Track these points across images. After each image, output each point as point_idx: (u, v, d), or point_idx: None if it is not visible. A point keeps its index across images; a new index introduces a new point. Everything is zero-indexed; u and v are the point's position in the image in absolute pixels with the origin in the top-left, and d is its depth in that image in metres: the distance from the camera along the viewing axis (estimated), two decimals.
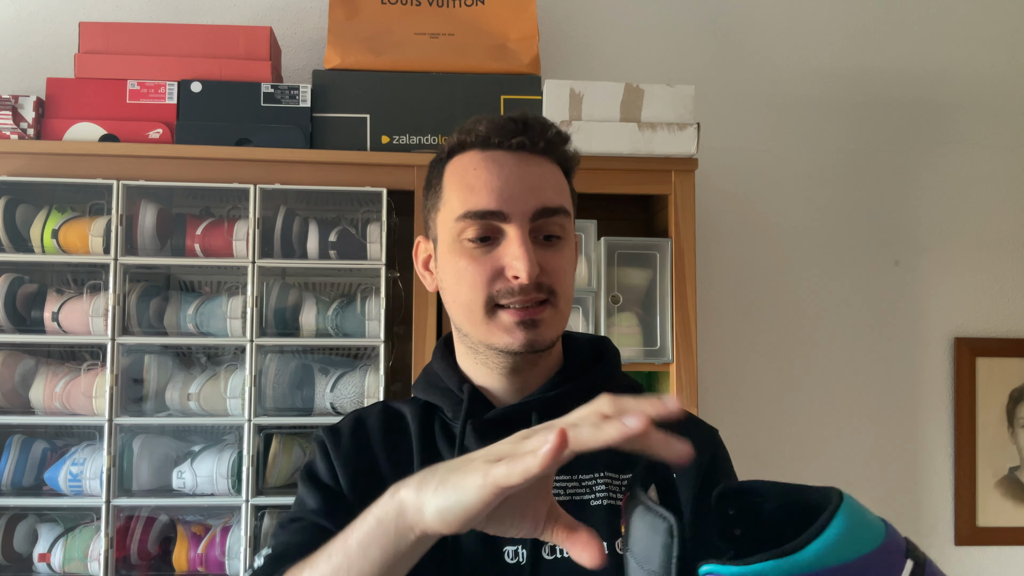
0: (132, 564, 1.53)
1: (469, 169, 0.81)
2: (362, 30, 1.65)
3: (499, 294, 0.78)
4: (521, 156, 0.81)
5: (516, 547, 0.79)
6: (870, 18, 1.99)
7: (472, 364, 0.86)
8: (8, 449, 1.53)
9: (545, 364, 0.86)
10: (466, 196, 0.80)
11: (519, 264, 0.77)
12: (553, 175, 0.83)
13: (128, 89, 1.57)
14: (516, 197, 0.79)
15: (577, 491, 0.81)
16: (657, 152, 1.56)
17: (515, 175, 0.80)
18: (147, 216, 1.54)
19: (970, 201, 1.98)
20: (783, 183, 1.94)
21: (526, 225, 0.79)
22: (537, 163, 0.82)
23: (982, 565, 1.92)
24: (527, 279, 0.77)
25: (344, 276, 1.70)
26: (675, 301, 1.57)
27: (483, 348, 0.82)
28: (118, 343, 1.50)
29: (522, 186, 0.80)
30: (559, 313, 0.81)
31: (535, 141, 0.81)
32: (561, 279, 0.81)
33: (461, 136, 0.83)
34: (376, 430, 0.86)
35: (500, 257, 0.79)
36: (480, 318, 0.80)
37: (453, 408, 0.84)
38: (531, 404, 0.83)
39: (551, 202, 0.80)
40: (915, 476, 1.92)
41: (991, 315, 1.96)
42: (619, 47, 1.93)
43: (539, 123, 0.83)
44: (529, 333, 0.79)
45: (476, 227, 0.79)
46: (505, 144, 0.81)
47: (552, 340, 0.82)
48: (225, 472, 1.50)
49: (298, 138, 1.56)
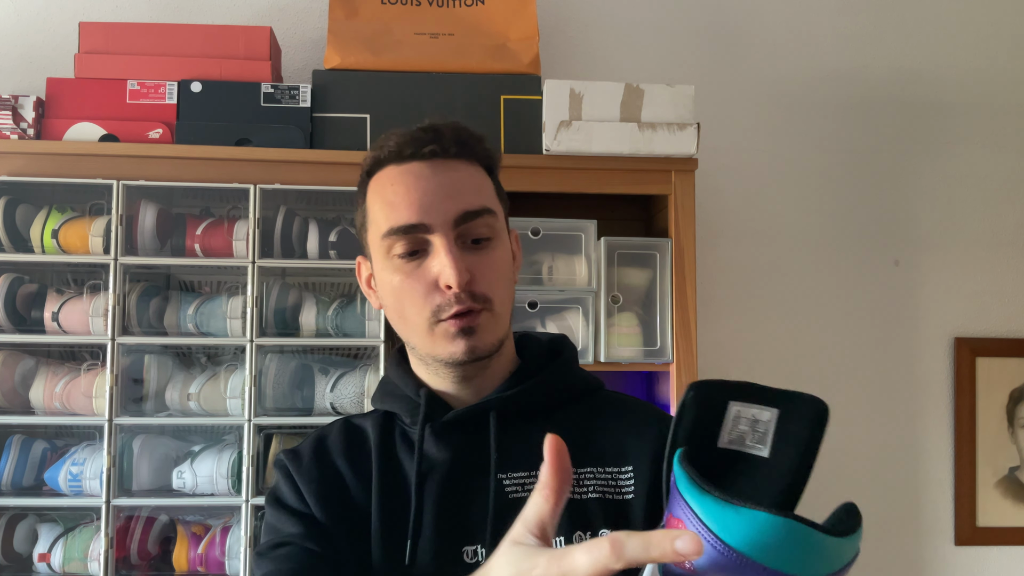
0: (132, 564, 1.53)
1: (387, 185, 0.82)
2: (362, 30, 1.65)
3: (439, 308, 0.79)
4: (436, 164, 0.81)
5: (475, 547, 0.79)
6: (870, 18, 1.99)
7: (426, 372, 0.86)
8: (8, 449, 1.53)
9: (499, 366, 0.86)
10: (388, 213, 0.80)
11: (448, 272, 0.77)
12: (472, 178, 0.83)
13: (128, 89, 1.57)
14: (436, 207, 0.79)
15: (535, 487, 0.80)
16: (657, 152, 1.56)
17: (432, 184, 0.80)
18: (147, 216, 1.54)
19: (970, 201, 1.98)
20: (783, 183, 1.94)
21: (450, 233, 0.79)
22: (454, 168, 0.82)
23: (982, 565, 1.91)
24: (457, 287, 0.77)
25: (344, 276, 1.70)
26: (675, 301, 1.57)
27: (431, 360, 0.83)
28: (118, 343, 1.50)
29: (440, 194, 0.79)
30: (496, 317, 0.81)
31: (447, 147, 0.81)
32: (493, 283, 0.81)
33: (375, 152, 0.84)
34: (337, 446, 0.86)
35: (430, 268, 0.79)
36: (424, 331, 0.80)
37: (411, 413, 0.84)
38: (488, 404, 0.83)
39: (471, 205, 0.80)
40: (915, 476, 1.92)
41: (991, 315, 1.96)
42: (619, 47, 1.93)
43: (450, 128, 0.83)
44: (469, 340, 0.79)
45: (402, 242, 0.79)
46: (419, 154, 0.81)
47: (493, 344, 0.82)
48: (225, 472, 1.50)
49: (298, 138, 1.56)
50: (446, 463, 0.81)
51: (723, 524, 0.47)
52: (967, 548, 1.91)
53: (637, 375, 1.80)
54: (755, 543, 0.46)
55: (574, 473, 0.81)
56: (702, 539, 0.46)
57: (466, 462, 0.82)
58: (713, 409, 0.55)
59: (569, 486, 0.55)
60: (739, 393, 0.54)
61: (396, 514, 0.81)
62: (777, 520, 0.46)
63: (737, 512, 0.47)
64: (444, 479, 0.81)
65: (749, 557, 0.46)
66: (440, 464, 0.81)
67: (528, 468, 0.81)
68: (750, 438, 0.55)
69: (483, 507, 0.79)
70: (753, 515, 0.46)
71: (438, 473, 0.81)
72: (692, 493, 0.49)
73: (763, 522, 0.46)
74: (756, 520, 0.46)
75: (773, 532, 0.46)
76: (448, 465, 0.81)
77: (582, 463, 0.83)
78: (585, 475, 0.82)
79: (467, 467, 0.81)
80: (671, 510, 0.52)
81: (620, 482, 0.82)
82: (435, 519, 0.80)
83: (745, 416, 0.55)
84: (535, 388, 0.84)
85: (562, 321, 1.58)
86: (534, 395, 0.84)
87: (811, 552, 0.47)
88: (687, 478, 0.50)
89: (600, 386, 0.91)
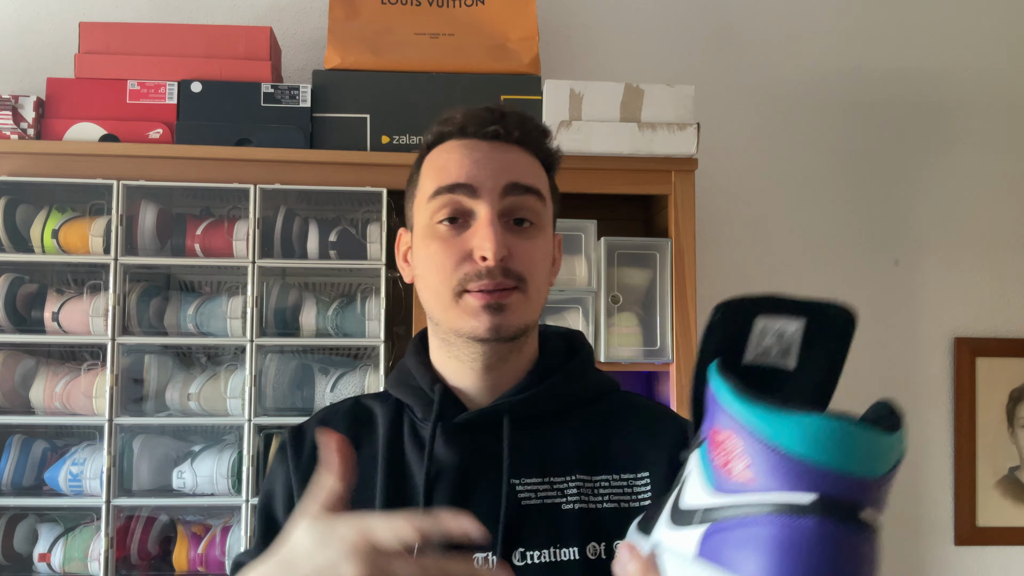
0: (132, 564, 1.53)
1: (442, 155, 0.82)
2: (362, 30, 1.65)
3: (467, 278, 0.77)
4: (495, 144, 0.82)
5: (486, 553, 0.77)
6: (870, 18, 1.99)
7: (444, 359, 0.84)
8: (8, 449, 1.53)
9: (518, 360, 0.84)
10: (437, 175, 0.80)
11: (486, 244, 0.76)
12: (529, 162, 0.83)
13: (128, 89, 1.57)
14: (486, 174, 0.79)
15: (548, 494, 0.79)
16: (657, 152, 1.56)
17: (486, 157, 0.80)
18: (147, 216, 1.54)
19: (970, 201, 1.98)
20: (783, 183, 1.94)
21: (496, 203, 0.78)
22: (513, 150, 0.82)
23: (982, 565, 1.92)
24: (493, 260, 0.76)
25: (344, 276, 1.70)
26: (675, 301, 1.57)
27: (452, 337, 0.81)
28: (118, 343, 1.50)
29: (493, 166, 0.80)
30: (528, 300, 0.79)
31: (509, 130, 0.82)
32: (531, 266, 0.79)
33: (438, 127, 0.84)
34: (343, 431, 0.83)
35: (469, 239, 0.78)
36: (448, 302, 0.78)
37: (423, 409, 0.82)
38: (502, 407, 0.81)
39: (522, 179, 0.80)
40: (915, 476, 1.92)
41: (991, 315, 1.96)
42: (619, 47, 1.93)
43: (516, 115, 0.83)
44: (495, 317, 0.77)
45: (446, 205, 0.79)
46: (480, 133, 0.81)
47: (519, 327, 0.79)
48: (225, 472, 1.50)
49: (298, 138, 1.56)
50: (456, 466, 0.80)
51: (778, 430, 0.47)
52: (967, 548, 1.91)
53: (637, 375, 1.80)
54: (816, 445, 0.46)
55: (589, 481, 0.80)
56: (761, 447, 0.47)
57: (477, 466, 0.80)
58: (740, 326, 0.54)
59: (352, 467, 0.61)
60: (766, 307, 0.53)
61: None
62: (836, 421, 0.46)
63: (791, 418, 0.46)
64: (454, 483, 0.79)
65: (811, 460, 0.46)
66: (449, 467, 0.80)
67: (542, 474, 0.80)
68: (776, 352, 0.54)
69: (494, 512, 0.77)
70: (811, 418, 0.46)
71: (447, 476, 0.79)
72: (740, 403, 0.48)
73: (822, 423, 0.46)
74: (815, 423, 0.46)
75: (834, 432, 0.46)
76: (458, 468, 0.80)
77: (597, 471, 0.81)
78: (600, 483, 0.80)
79: (478, 471, 0.80)
80: (715, 423, 0.51)
81: (636, 489, 0.81)
82: None
83: (771, 330, 0.53)
84: (550, 391, 0.83)
85: (562, 321, 1.58)
86: (549, 399, 0.83)
87: (873, 450, 0.47)
88: (731, 389, 0.49)
89: (615, 387, 0.89)
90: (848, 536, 0.47)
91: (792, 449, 0.46)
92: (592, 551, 0.77)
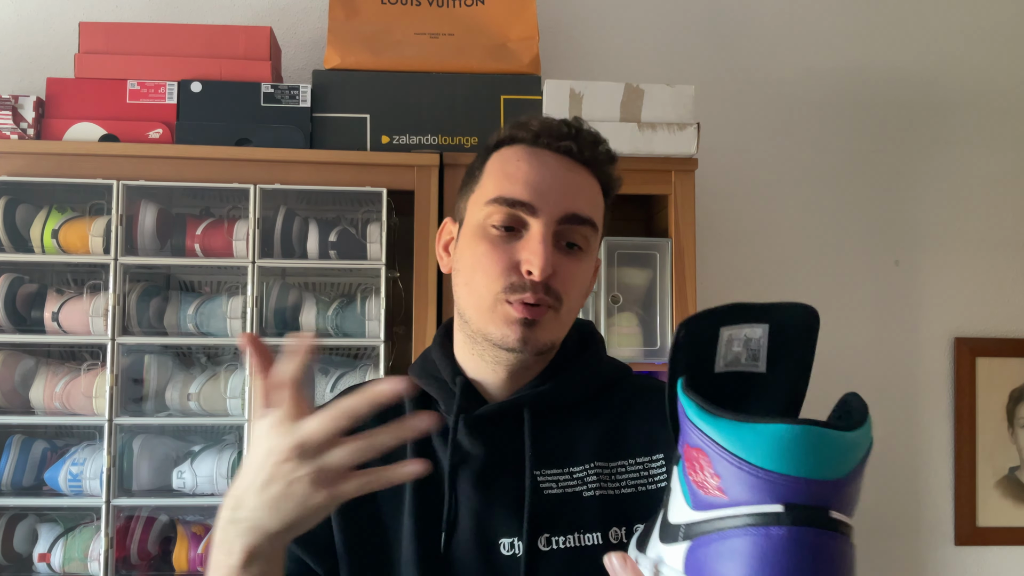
0: (132, 564, 1.53)
1: (512, 160, 0.83)
2: (362, 30, 1.65)
3: (511, 287, 0.79)
4: (565, 161, 0.83)
5: (512, 539, 0.80)
6: (870, 18, 1.99)
7: (468, 354, 0.86)
8: (8, 449, 1.53)
9: (537, 360, 0.86)
10: (502, 182, 0.81)
11: (535, 260, 0.78)
12: (591, 188, 0.84)
13: (128, 89, 1.57)
14: (549, 195, 0.80)
15: (569, 484, 0.82)
16: (657, 152, 1.56)
17: (553, 175, 0.81)
18: (147, 216, 1.54)
19: (970, 201, 1.98)
20: (783, 183, 1.94)
21: (552, 226, 0.80)
22: (579, 171, 0.83)
23: (982, 565, 1.91)
24: (539, 276, 0.78)
25: (344, 276, 1.70)
26: (675, 301, 1.57)
27: (480, 339, 0.82)
28: (118, 343, 1.50)
29: (558, 187, 0.81)
30: (560, 320, 0.82)
31: (581, 149, 0.83)
32: (571, 288, 0.81)
33: (512, 130, 0.85)
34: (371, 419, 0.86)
35: (519, 250, 0.80)
36: (486, 306, 0.80)
37: (446, 401, 0.85)
38: (522, 400, 0.83)
39: (582, 211, 0.81)
40: (915, 476, 1.92)
41: (991, 315, 1.96)
42: (619, 47, 1.93)
43: (591, 134, 0.84)
44: (526, 331, 0.79)
45: (503, 214, 0.80)
46: (553, 145, 0.83)
47: (547, 344, 0.82)
48: (225, 472, 1.50)
49: (298, 138, 1.56)
50: (480, 457, 0.82)
51: (743, 443, 0.48)
52: (967, 548, 1.91)
53: None
54: (777, 455, 0.47)
55: (607, 468, 0.83)
56: (727, 463, 0.48)
57: (499, 456, 0.82)
58: (706, 340, 0.55)
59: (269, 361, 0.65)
60: (729, 317, 0.54)
61: (430, 502, 0.81)
62: (795, 428, 0.47)
63: (754, 429, 0.47)
64: (477, 472, 0.82)
65: (774, 471, 0.47)
66: (474, 458, 0.82)
67: (562, 465, 0.82)
68: (745, 357, 0.56)
69: (518, 502, 0.80)
70: (770, 428, 0.47)
71: (471, 466, 0.82)
72: (705, 419, 0.50)
73: (782, 433, 0.47)
74: (775, 433, 0.47)
75: (793, 441, 0.47)
76: (482, 460, 0.82)
77: (614, 457, 0.84)
78: (617, 469, 0.83)
79: (500, 461, 0.82)
80: (686, 440, 0.53)
81: (652, 471, 0.84)
82: (470, 512, 0.80)
83: (737, 337, 0.55)
84: (568, 383, 0.85)
85: None
86: (567, 391, 0.85)
87: (833, 452, 0.48)
88: (695, 406, 0.50)
89: (628, 373, 0.92)
90: (820, 539, 0.48)
91: (756, 462, 0.47)
92: (614, 535, 0.80)
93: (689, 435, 0.52)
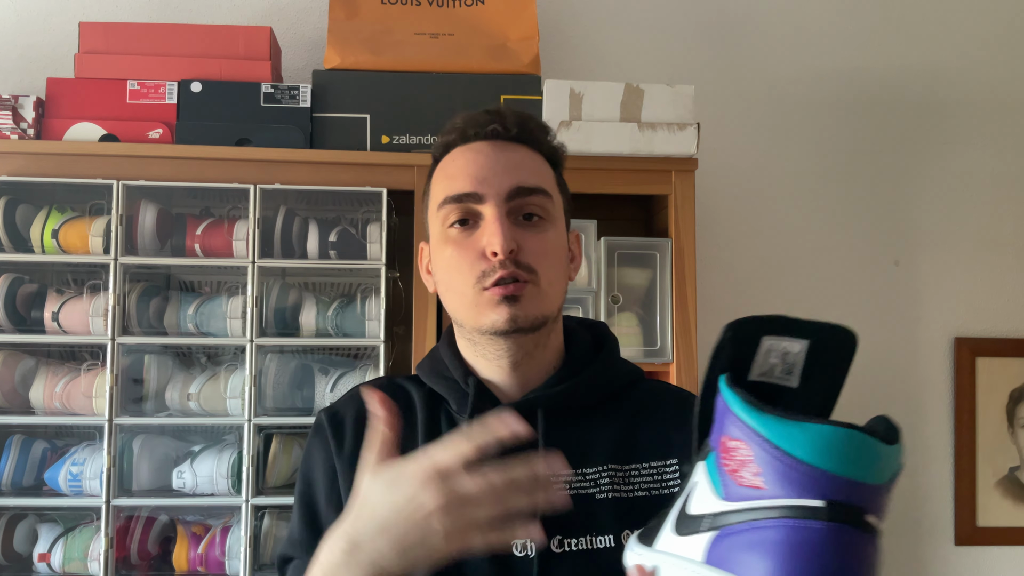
0: (132, 564, 1.53)
1: (449, 162, 0.85)
2: (362, 30, 1.65)
3: (483, 275, 0.80)
4: (497, 144, 0.85)
5: (524, 540, 0.79)
6: (870, 18, 1.99)
7: (473, 357, 0.87)
8: (8, 449, 1.53)
9: (544, 357, 0.86)
10: (446, 184, 0.84)
11: (495, 239, 0.79)
12: (532, 160, 0.85)
13: (128, 89, 1.57)
14: (490, 179, 0.82)
15: (582, 485, 0.82)
16: (657, 152, 1.56)
17: (488, 159, 0.83)
18: (147, 216, 1.54)
19: (970, 201, 1.98)
20: (783, 183, 1.94)
21: (502, 205, 0.81)
22: (514, 149, 0.85)
23: (982, 565, 1.91)
24: (503, 253, 0.78)
25: (344, 276, 1.70)
26: (675, 301, 1.57)
27: (477, 336, 0.83)
28: (118, 343, 1.50)
29: (498, 168, 0.82)
30: (541, 292, 0.82)
31: (508, 128, 0.85)
32: (541, 258, 0.82)
33: (442, 138, 0.88)
34: None
35: (479, 239, 0.81)
36: (469, 301, 0.81)
37: (458, 402, 0.85)
38: (536, 400, 0.83)
39: (526, 182, 0.82)
40: (915, 476, 1.92)
41: (991, 315, 1.96)
42: (619, 47, 1.93)
43: (514, 113, 0.86)
44: (511, 308, 0.79)
45: (454, 211, 0.82)
46: (482, 133, 0.85)
47: (536, 317, 0.81)
48: (225, 472, 1.50)
49: (298, 138, 1.56)
50: (491, 457, 0.82)
51: (791, 439, 0.49)
52: (967, 548, 1.91)
53: None
54: (825, 454, 0.49)
55: (620, 471, 0.83)
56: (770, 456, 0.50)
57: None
58: (748, 345, 0.56)
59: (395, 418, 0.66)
60: (772, 326, 0.56)
61: None
62: (845, 431, 0.49)
63: (803, 427, 0.49)
64: None
65: (820, 467, 0.49)
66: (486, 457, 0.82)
67: (575, 466, 0.82)
68: (780, 370, 0.57)
69: None
70: (820, 428, 0.49)
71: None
72: (752, 414, 0.51)
73: (831, 433, 0.49)
74: (824, 432, 0.49)
75: (841, 442, 0.49)
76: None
77: (628, 460, 0.84)
78: (631, 472, 0.83)
79: None
80: (724, 433, 0.54)
81: (665, 476, 0.84)
82: None
83: (776, 349, 0.56)
84: (581, 386, 0.85)
85: None
86: (581, 393, 0.85)
87: (876, 459, 0.50)
88: (742, 401, 0.52)
89: (641, 376, 0.92)
90: (856, 539, 0.49)
91: (802, 457, 0.49)
92: (627, 538, 0.80)
93: (729, 428, 0.53)
